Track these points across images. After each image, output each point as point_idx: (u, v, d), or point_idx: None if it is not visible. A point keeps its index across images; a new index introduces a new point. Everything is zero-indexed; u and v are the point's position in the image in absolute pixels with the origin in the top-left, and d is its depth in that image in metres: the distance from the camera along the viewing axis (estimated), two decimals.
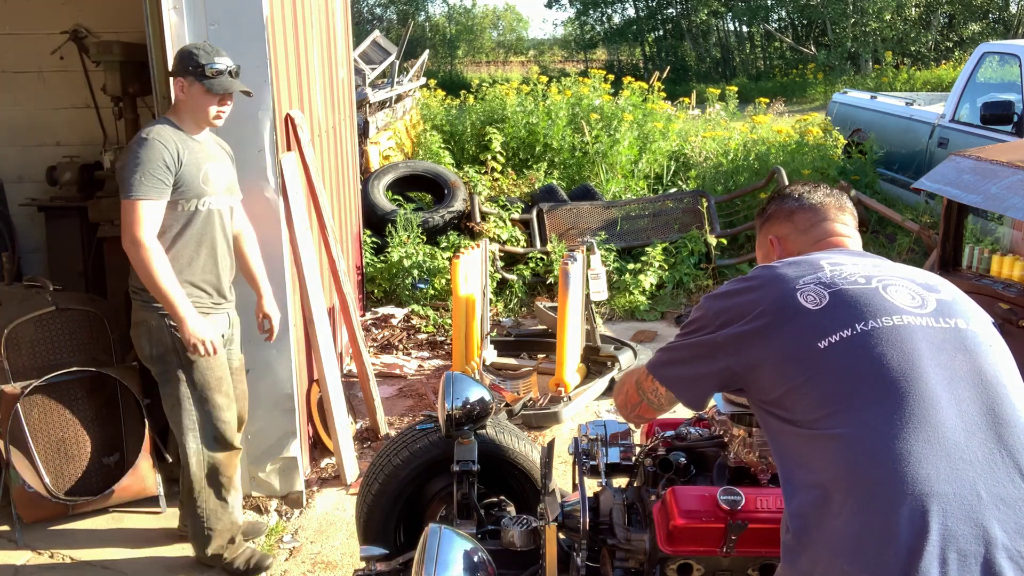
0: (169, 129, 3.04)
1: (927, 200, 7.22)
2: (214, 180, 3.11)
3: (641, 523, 1.96)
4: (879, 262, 1.69)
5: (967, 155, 3.97)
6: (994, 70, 7.42)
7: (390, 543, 2.69)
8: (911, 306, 1.55)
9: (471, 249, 5.05)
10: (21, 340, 3.67)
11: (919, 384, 1.43)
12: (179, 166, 2.99)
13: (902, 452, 1.36)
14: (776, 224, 1.93)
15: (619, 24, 29.86)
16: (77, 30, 5.07)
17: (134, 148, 2.96)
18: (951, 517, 1.31)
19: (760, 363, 1.56)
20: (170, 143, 2.98)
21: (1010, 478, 1.36)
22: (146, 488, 3.70)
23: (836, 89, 15.62)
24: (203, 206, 3.09)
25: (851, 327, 1.51)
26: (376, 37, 10.55)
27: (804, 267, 1.65)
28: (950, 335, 1.51)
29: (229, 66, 3.07)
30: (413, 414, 4.80)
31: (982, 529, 1.31)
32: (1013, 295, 3.61)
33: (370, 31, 12.20)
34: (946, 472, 1.35)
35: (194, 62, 3.02)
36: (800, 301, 1.56)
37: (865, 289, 1.57)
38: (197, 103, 3.06)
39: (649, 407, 1.80)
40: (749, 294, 1.64)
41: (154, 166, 2.92)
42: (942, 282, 1.67)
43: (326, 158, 4.87)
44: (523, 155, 9.19)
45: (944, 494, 1.33)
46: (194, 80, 3.02)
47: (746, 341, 1.58)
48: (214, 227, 3.14)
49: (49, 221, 5.11)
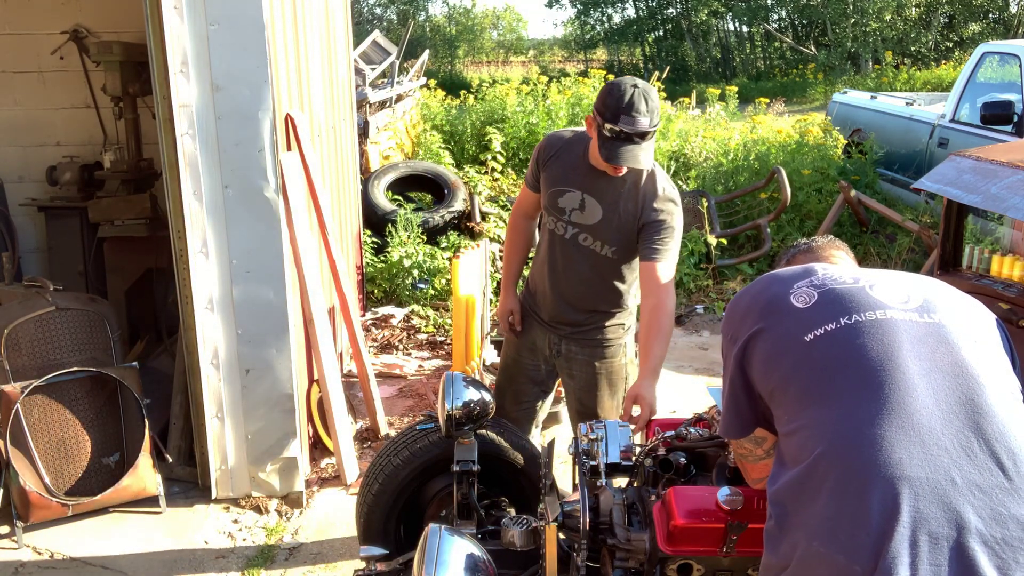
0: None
1: (927, 200, 7.22)
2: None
3: (641, 523, 1.96)
4: (872, 270, 1.75)
5: (967, 155, 3.97)
6: (994, 70, 7.42)
7: (390, 543, 2.69)
8: (896, 302, 1.59)
9: (471, 249, 5.05)
10: (21, 340, 3.67)
11: (896, 373, 1.47)
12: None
13: (876, 437, 1.40)
14: (777, 264, 2.07)
15: (619, 24, 29.85)
16: (77, 30, 5.07)
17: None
18: (923, 500, 1.34)
19: (759, 361, 1.64)
20: None
21: (987, 466, 1.38)
22: (146, 488, 3.70)
23: (836, 89, 15.60)
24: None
25: (835, 321, 1.57)
26: (376, 37, 10.53)
27: (799, 272, 1.74)
28: (932, 329, 1.55)
29: (632, 129, 2.61)
30: (413, 414, 4.80)
31: (955, 513, 1.33)
32: (1013, 295, 3.61)
33: (370, 31, 12.20)
34: (919, 457, 1.37)
35: (604, 106, 2.64)
36: (792, 302, 1.65)
37: (851, 287, 1.64)
38: (595, 149, 2.75)
39: (755, 465, 1.78)
40: (746, 298, 1.75)
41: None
42: (936, 283, 1.70)
43: (326, 158, 4.87)
44: (523, 155, 9.19)
45: (916, 478, 1.36)
46: (600, 123, 2.66)
47: (750, 344, 1.66)
48: None
49: (49, 221, 5.11)
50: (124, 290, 4.93)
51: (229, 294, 3.61)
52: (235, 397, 3.70)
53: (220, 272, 3.59)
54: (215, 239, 3.55)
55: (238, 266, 3.59)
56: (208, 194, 3.51)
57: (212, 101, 3.45)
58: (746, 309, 1.72)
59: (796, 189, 7.37)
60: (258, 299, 3.63)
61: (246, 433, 3.74)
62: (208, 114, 3.46)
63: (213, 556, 3.49)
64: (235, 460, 3.76)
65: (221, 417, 3.71)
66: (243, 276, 3.60)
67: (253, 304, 3.62)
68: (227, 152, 3.50)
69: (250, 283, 3.61)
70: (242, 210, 3.55)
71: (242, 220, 3.56)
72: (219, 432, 3.72)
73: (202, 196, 3.51)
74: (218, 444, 3.73)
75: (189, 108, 3.44)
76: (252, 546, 3.58)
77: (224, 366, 3.66)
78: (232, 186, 3.53)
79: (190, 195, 3.50)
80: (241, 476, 3.79)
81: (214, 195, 3.52)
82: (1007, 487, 1.36)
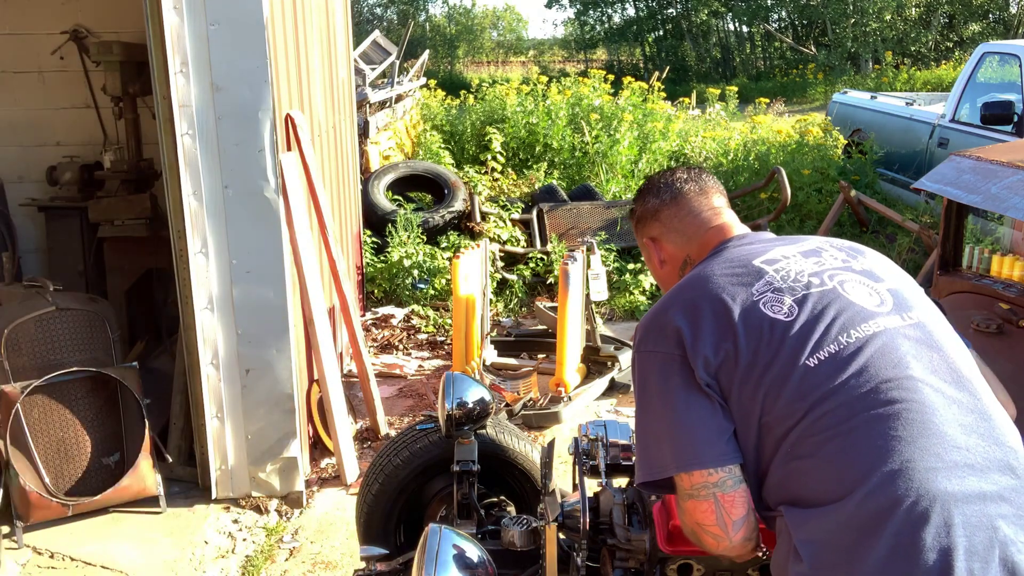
0: None
1: (927, 200, 7.22)
2: None
3: (641, 523, 1.95)
4: (808, 251, 1.65)
5: (967, 155, 3.97)
6: (994, 70, 7.42)
7: (390, 543, 2.69)
8: (874, 305, 1.53)
9: (471, 249, 5.05)
10: (21, 340, 3.67)
11: (916, 395, 1.42)
12: None
13: (917, 468, 1.35)
14: (646, 225, 1.89)
15: (619, 24, 29.87)
16: (77, 30, 5.07)
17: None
18: (969, 527, 1.31)
19: (746, 385, 1.51)
20: None
21: (1002, 473, 1.37)
22: (146, 488, 3.70)
23: (836, 89, 15.61)
24: None
25: (835, 342, 1.46)
26: (376, 37, 10.53)
27: (743, 270, 1.59)
28: (918, 333, 1.51)
29: None
30: (413, 414, 4.80)
31: (994, 531, 1.32)
32: (1013, 295, 3.61)
33: (370, 31, 12.20)
34: (957, 480, 1.34)
35: None
36: (768, 313, 1.50)
37: (825, 291, 1.53)
38: None
39: (731, 494, 1.50)
40: (691, 305, 1.58)
41: None
42: (872, 261, 1.65)
43: (326, 158, 4.87)
44: (523, 155, 9.19)
45: (961, 503, 1.33)
46: None
47: (726, 362, 1.52)
48: None
49: (49, 221, 5.11)
50: (124, 290, 4.92)
51: (229, 294, 3.61)
52: (235, 397, 3.70)
53: (220, 272, 3.59)
54: (215, 239, 3.55)
55: (238, 266, 3.60)
56: (208, 194, 3.51)
57: (212, 101, 3.45)
58: (701, 316, 1.52)
59: (796, 189, 7.37)
60: (258, 299, 3.63)
61: (246, 433, 3.74)
62: (208, 114, 3.46)
63: (213, 556, 3.49)
64: (235, 460, 3.76)
65: (221, 417, 3.71)
66: (243, 276, 3.60)
67: (253, 304, 3.62)
68: (227, 152, 3.50)
69: (250, 283, 3.61)
70: (242, 210, 3.55)
71: (242, 220, 3.56)
72: (219, 432, 3.72)
73: (202, 196, 3.51)
74: (218, 444, 3.73)
75: (189, 108, 3.44)
76: (252, 546, 3.58)
77: (224, 366, 3.66)
78: (232, 186, 3.53)
79: (190, 195, 3.50)
80: (241, 476, 3.79)
81: (214, 195, 3.52)
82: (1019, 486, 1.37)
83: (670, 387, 1.51)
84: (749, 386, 1.47)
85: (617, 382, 5.04)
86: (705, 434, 1.47)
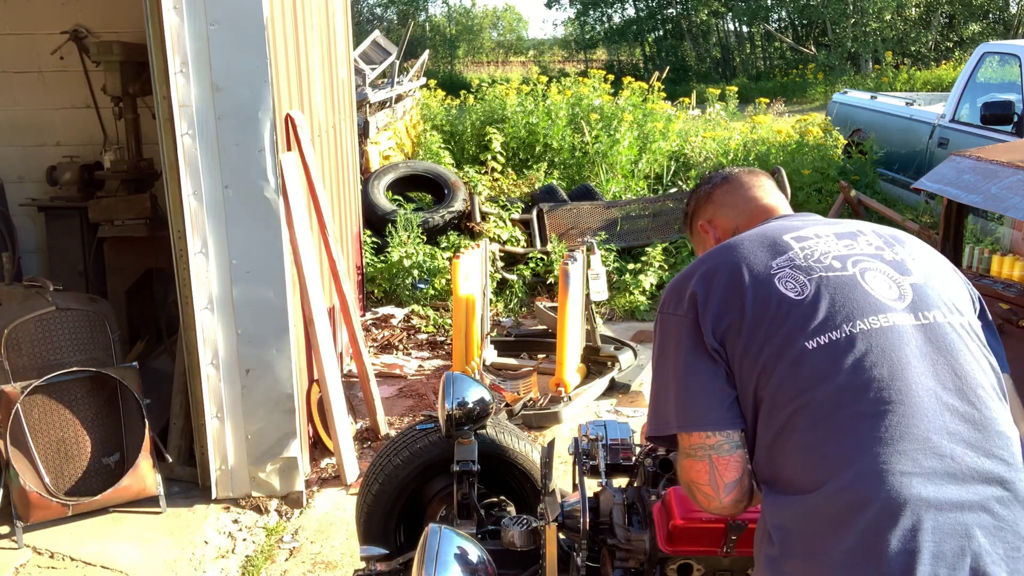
0: None
1: (927, 200, 7.23)
2: None
3: (641, 523, 1.95)
4: (841, 236, 1.62)
5: (967, 155, 3.97)
6: (994, 70, 7.42)
7: (390, 543, 2.69)
8: (891, 298, 1.50)
9: (471, 249, 5.05)
10: (21, 340, 3.67)
11: (908, 399, 1.40)
12: None
13: (891, 470, 1.35)
14: (701, 210, 1.93)
15: (619, 24, 29.85)
16: (77, 30, 5.07)
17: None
18: (939, 534, 1.31)
19: (746, 356, 1.52)
20: None
21: (988, 485, 1.37)
22: (146, 488, 3.70)
23: (836, 89, 15.61)
24: None
25: (839, 329, 1.45)
26: (376, 37, 10.54)
27: (770, 243, 1.58)
28: (930, 333, 1.48)
29: None
30: (413, 414, 4.80)
31: (968, 540, 1.32)
32: (1013, 295, 3.61)
33: (370, 31, 12.20)
34: (934, 488, 1.34)
35: None
36: (780, 288, 1.50)
37: (844, 277, 1.52)
38: None
39: (727, 458, 1.53)
40: (711, 272, 1.58)
41: None
42: (910, 253, 1.61)
43: (326, 158, 4.87)
44: (523, 155, 9.19)
45: (933, 508, 1.33)
46: None
47: (731, 329, 1.53)
48: None
49: (49, 221, 5.11)
50: (124, 290, 4.93)
51: (229, 294, 3.61)
52: (235, 397, 3.70)
53: (220, 272, 3.59)
54: (215, 239, 3.55)
55: (238, 266, 3.60)
56: (208, 194, 3.52)
57: (212, 101, 3.45)
58: (716, 282, 1.53)
59: (796, 189, 7.38)
60: (258, 299, 3.63)
61: (246, 433, 3.74)
62: (208, 114, 3.46)
63: (213, 556, 3.49)
64: (235, 460, 3.76)
65: (221, 417, 3.71)
66: (243, 276, 3.60)
67: (253, 304, 3.62)
68: (227, 152, 3.50)
69: (250, 283, 3.61)
70: (242, 210, 3.55)
71: (242, 220, 3.56)
72: (219, 432, 3.72)
73: (202, 196, 3.51)
74: (218, 444, 3.73)
75: (189, 108, 3.44)
76: (252, 546, 3.58)
77: (224, 366, 3.66)
78: (232, 186, 3.53)
79: (190, 195, 3.50)
80: (241, 476, 3.79)
81: (214, 195, 3.52)
82: (1008, 498, 1.37)
83: (681, 349, 1.54)
84: (749, 357, 1.48)
85: (617, 382, 5.04)
86: (706, 398, 1.51)
